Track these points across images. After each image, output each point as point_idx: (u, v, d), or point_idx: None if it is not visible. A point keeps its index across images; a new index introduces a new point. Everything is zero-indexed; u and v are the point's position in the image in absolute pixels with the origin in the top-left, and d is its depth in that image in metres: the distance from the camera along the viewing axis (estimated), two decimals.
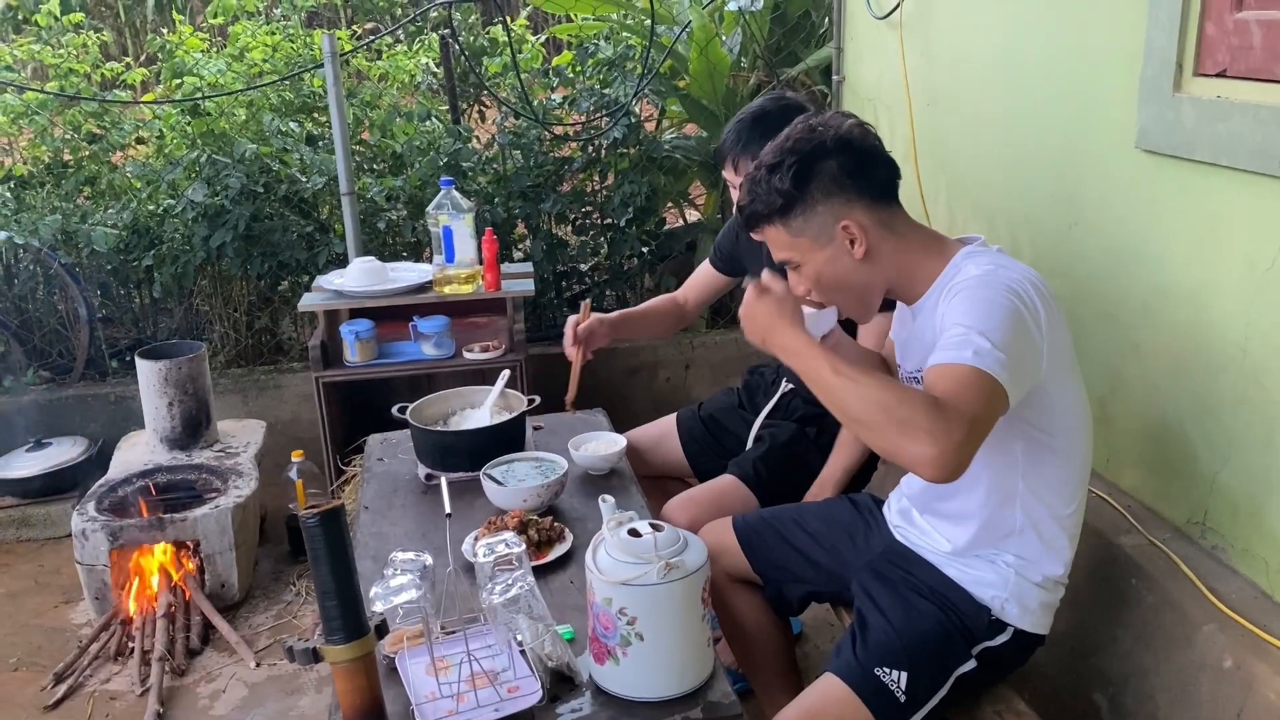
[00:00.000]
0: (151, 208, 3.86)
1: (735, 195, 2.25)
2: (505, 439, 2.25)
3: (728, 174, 2.32)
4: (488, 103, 4.61)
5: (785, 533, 2.06)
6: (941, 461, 1.42)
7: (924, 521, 1.86)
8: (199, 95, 3.93)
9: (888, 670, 1.68)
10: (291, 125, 3.98)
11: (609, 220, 4.13)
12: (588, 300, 2.59)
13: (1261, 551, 1.85)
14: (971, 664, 1.72)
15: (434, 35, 4.54)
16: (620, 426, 2.63)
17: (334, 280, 3.30)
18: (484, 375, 3.04)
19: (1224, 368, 1.88)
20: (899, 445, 1.45)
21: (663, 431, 2.67)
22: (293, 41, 4.25)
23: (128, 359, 3.86)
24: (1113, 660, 2.04)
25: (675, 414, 2.70)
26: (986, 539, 1.75)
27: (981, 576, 1.75)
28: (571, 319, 2.45)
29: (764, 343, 1.68)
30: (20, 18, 7.05)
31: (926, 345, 1.64)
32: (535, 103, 4.14)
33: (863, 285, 1.71)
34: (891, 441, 1.46)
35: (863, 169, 1.66)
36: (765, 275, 1.71)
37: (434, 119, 4.25)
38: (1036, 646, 1.80)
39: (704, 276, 2.66)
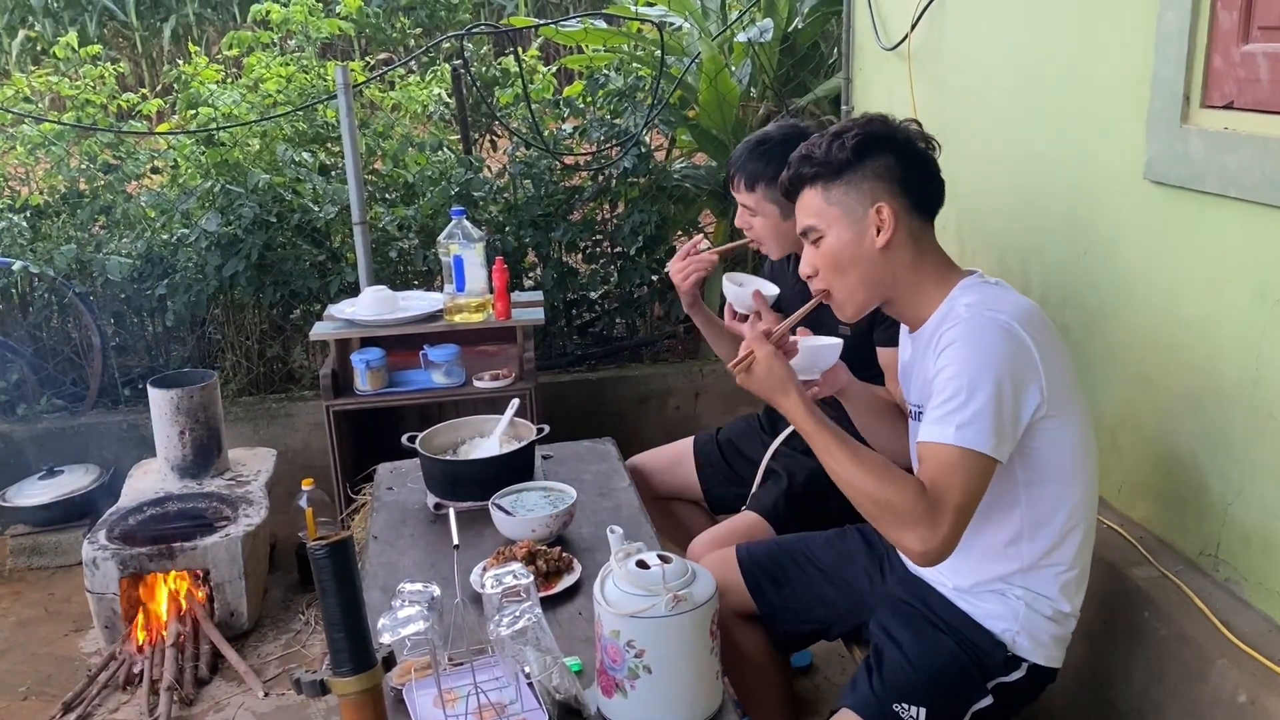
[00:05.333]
0: (165, 237, 3.89)
1: (741, 213, 2.35)
2: (514, 468, 2.25)
3: (734, 191, 2.38)
4: (499, 133, 4.64)
5: (794, 570, 2.04)
6: (928, 555, 1.58)
7: None
8: (214, 126, 3.97)
9: (907, 706, 1.66)
10: (305, 155, 4.01)
11: (619, 249, 4.15)
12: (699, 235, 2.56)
13: (1275, 585, 1.83)
14: (988, 700, 1.71)
15: (446, 66, 4.58)
16: (630, 453, 2.63)
17: (345, 309, 3.32)
18: (494, 404, 3.05)
19: (1236, 399, 1.87)
20: (890, 533, 1.61)
21: (679, 454, 2.66)
22: (306, 73, 4.30)
23: (140, 387, 3.87)
24: (1125, 694, 2.02)
25: (692, 437, 2.70)
26: (993, 572, 1.74)
27: (992, 610, 1.74)
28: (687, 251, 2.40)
29: (771, 401, 1.77)
30: (39, 49, 7.17)
31: (926, 382, 1.67)
32: (546, 133, 4.17)
33: (868, 277, 1.72)
34: (885, 528, 1.62)
35: (917, 175, 1.72)
36: (746, 339, 1.76)
37: (446, 149, 4.28)
38: (1049, 682, 1.79)
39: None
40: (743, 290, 2.11)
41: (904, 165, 1.70)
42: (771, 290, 2.20)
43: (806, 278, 1.79)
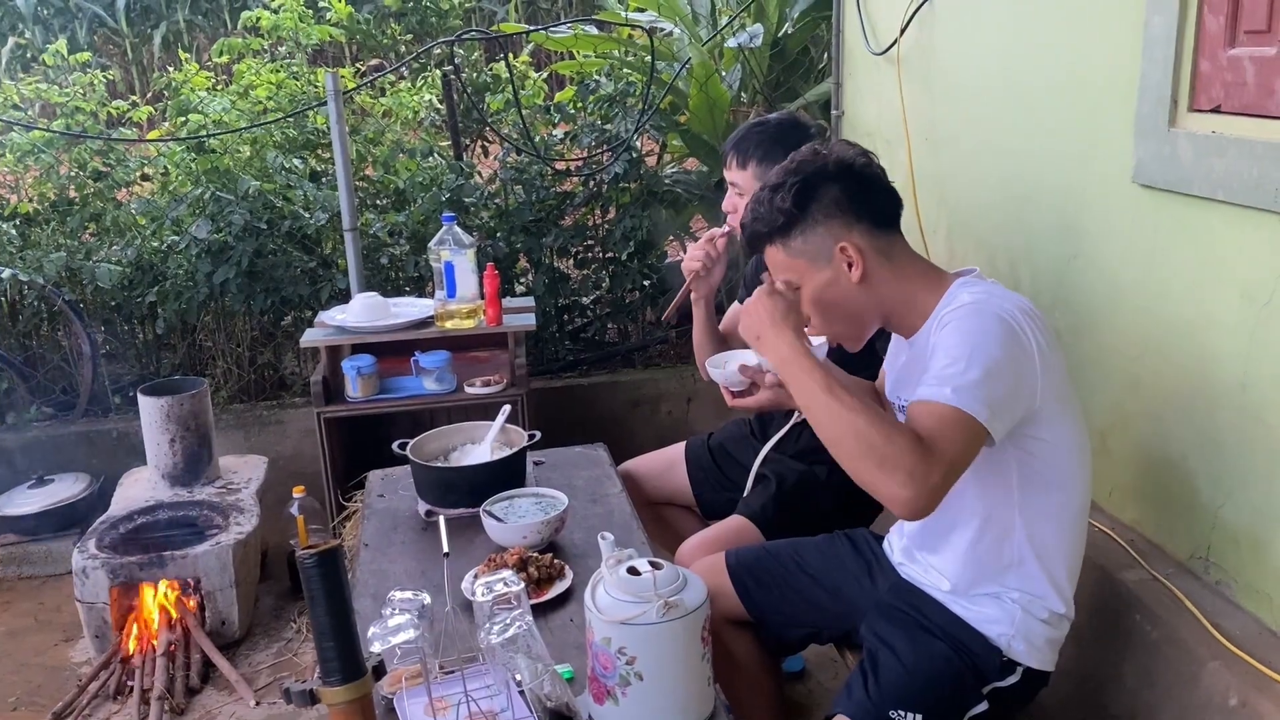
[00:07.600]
0: (155, 244, 3.88)
1: (729, 194, 2.38)
2: (506, 475, 2.25)
3: (726, 171, 2.41)
4: (490, 138, 4.64)
5: (783, 574, 2.03)
6: (915, 504, 1.49)
7: (925, 558, 1.85)
8: (204, 133, 3.96)
9: (902, 713, 1.66)
10: (295, 162, 4.01)
11: (610, 254, 4.15)
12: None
13: (1265, 587, 1.83)
14: (983, 705, 1.71)
15: (437, 72, 4.58)
16: (622, 459, 2.62)
17: (336, 316, 3.31)
18: (486, 410, 3.04)
19: (1225, 402, 1.88)
20: (876, 479, 1.50)
21: (671, 459, 2.66)
22: (297, 79, 4.29)
23: (130, 395, 3.86)
24: (1117, 698, 2.02)
25: (684, 442, 2.69)
26: (987, 573, 1.74)
27: (988, 613, 1.74)
28: (717, 234, 2.37)
29: (757, 340, 1.70)
30: (28, 56, 7.15)
31: (920, 377, 1.64)
32: (537, 138, 4.18)
33: (858, 310, 1.73)
34: (870, 474, 1.51)
35: (863, 195, 1.69)
36: (781, 280, 1.73)
37: (436, 155, 4.28)
38: (1042, 685, 1.79)
39: (734, 313, 2.61)
40: (729, 369, 2.07)
41: (849, 192, 1.68)
42: (753, 358, 2.18)
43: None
